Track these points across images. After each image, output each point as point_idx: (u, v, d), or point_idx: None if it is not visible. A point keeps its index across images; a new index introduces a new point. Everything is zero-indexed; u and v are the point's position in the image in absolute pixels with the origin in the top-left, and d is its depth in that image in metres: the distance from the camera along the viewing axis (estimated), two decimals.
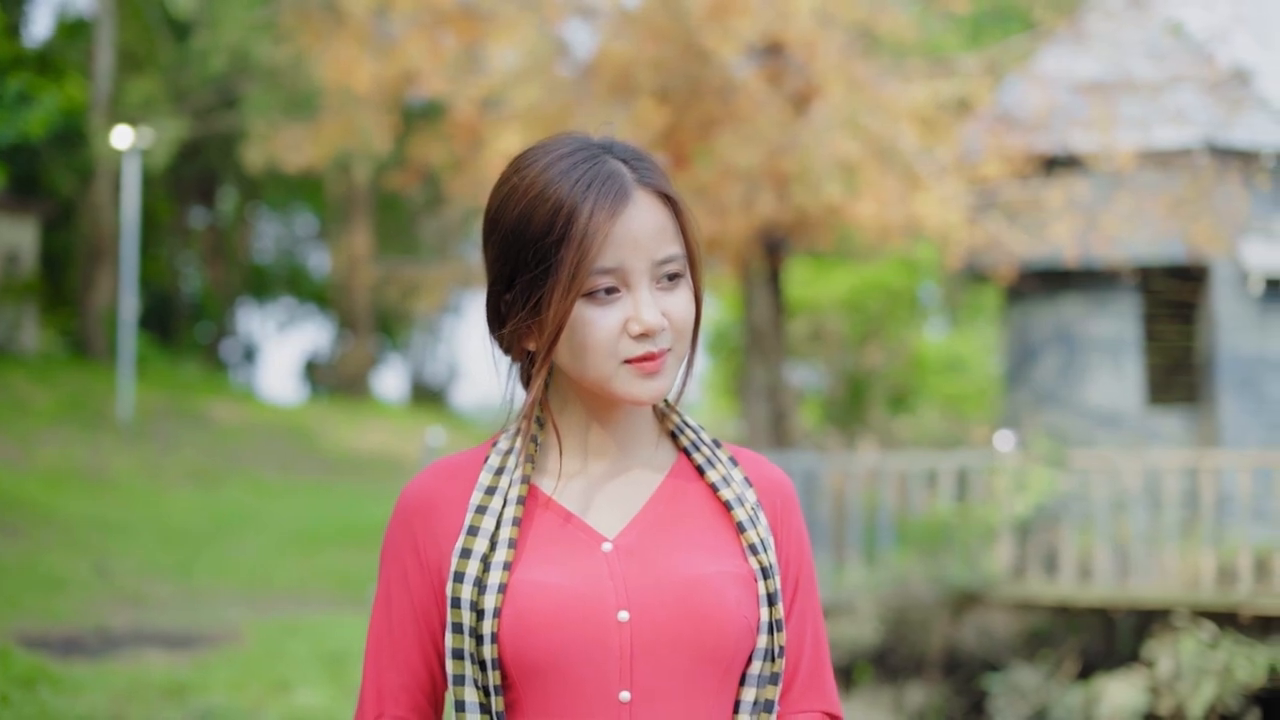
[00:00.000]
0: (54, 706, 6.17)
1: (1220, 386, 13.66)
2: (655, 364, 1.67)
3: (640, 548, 1.70)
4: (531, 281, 1.66)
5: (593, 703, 1.64)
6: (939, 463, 12.02)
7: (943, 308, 26.75)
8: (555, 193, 1.65)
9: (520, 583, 1.65)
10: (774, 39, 11.93)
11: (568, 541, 1.70)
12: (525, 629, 1.63)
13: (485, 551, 1.67)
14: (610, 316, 1.66)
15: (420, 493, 1.75)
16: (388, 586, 1.75)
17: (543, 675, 1.64)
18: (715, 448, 1.81)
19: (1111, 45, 12.96)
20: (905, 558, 11.48)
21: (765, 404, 13.60)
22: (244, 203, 34.43)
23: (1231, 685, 10.26)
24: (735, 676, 1.71)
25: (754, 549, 1.73)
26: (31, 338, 22.88)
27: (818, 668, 1.81)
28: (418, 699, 1.74)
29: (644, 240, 1.67)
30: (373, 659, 1.76)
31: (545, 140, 1.73)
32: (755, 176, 11.68)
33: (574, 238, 1.63)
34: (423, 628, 1.73)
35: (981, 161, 12.40)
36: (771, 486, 1.81)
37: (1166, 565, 11.15)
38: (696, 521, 1.74)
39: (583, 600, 1.65)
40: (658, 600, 1.67)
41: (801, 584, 1.81)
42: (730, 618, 1.67)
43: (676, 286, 1.70)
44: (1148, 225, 12.99)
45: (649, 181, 1.69)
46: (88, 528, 13.03)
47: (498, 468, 1.74)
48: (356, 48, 12.41)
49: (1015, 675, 11.00)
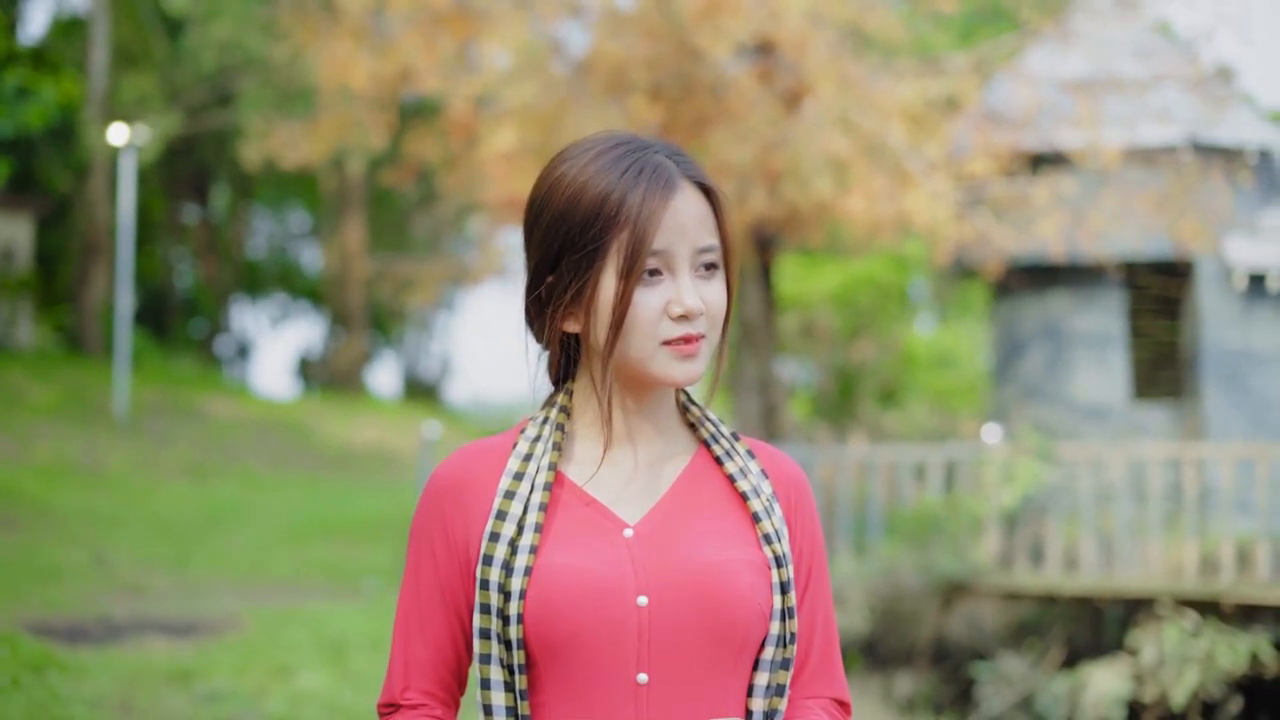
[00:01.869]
0: (63, 690, 6.30)
1: (1205, 381, 13.84)
2: (693, 346, 1.74)
3: (660, 535, 1.76)
4: (579, 263, 1.72)
5: (610, 684, 1.70)
6: (927, 455, 12.20)
7: (932, 303, 26.93)
8: (606, 179, 1.72)
9: (545, 566, 1.71)
10: (765, 38, 12.09)
11: (591, 527, 1.75)
12: (548, 610, 1.68)
13: (513, 535, 1.73)
14: (653, 298, 1.72)
15: (451, 474, 1.81)
16: (417, 564, 1.81)
17: (563, 655, 1.69)
18: (734, 440, 1.87)
19: (1097, 44, 13.13)
20: (894, 548, 11.65)
21: (756, 398, 13.77)
22: (238, 199, 34.51)
23: (1214, 673, 10.44)
24: (749, 661, 1.76)
25: (768, 538, 1.78)
26: (27, 333, 22.98)
27: (828, 654, 1.87)
28: (443, 674, 1.80)
29: (689, 227, 1.74)
30: (400, 634, 1.81)
31: (587, 137, 1.81)
32: (747, 173, 11.84)
33: (629, 220, 1.70)
34: (449, 605, 1.78)
35: (969, 159, 12.56)
36: (787, 479, 1.87)
37: (1150, 555, 11.33)
38: (714, 510, 1.80)
39: (604, 584, 1.70)
40: (676, 586, 1.72)
41: (814, 573, 1.87)
42: (744, 603, 1.72)
43: (713, 277, 1.77)
44: (1133, 222, 13.16)
45: (691, 174, 1.77)
46: (84, 520, 13.17)
47: (526, 454, 1.79)
48: (353, 46, 12.54)
49: (1002, 664, 11.17)
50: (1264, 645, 10.50)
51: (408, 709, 1.79)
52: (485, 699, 1.73)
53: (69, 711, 5.91)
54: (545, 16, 12.39)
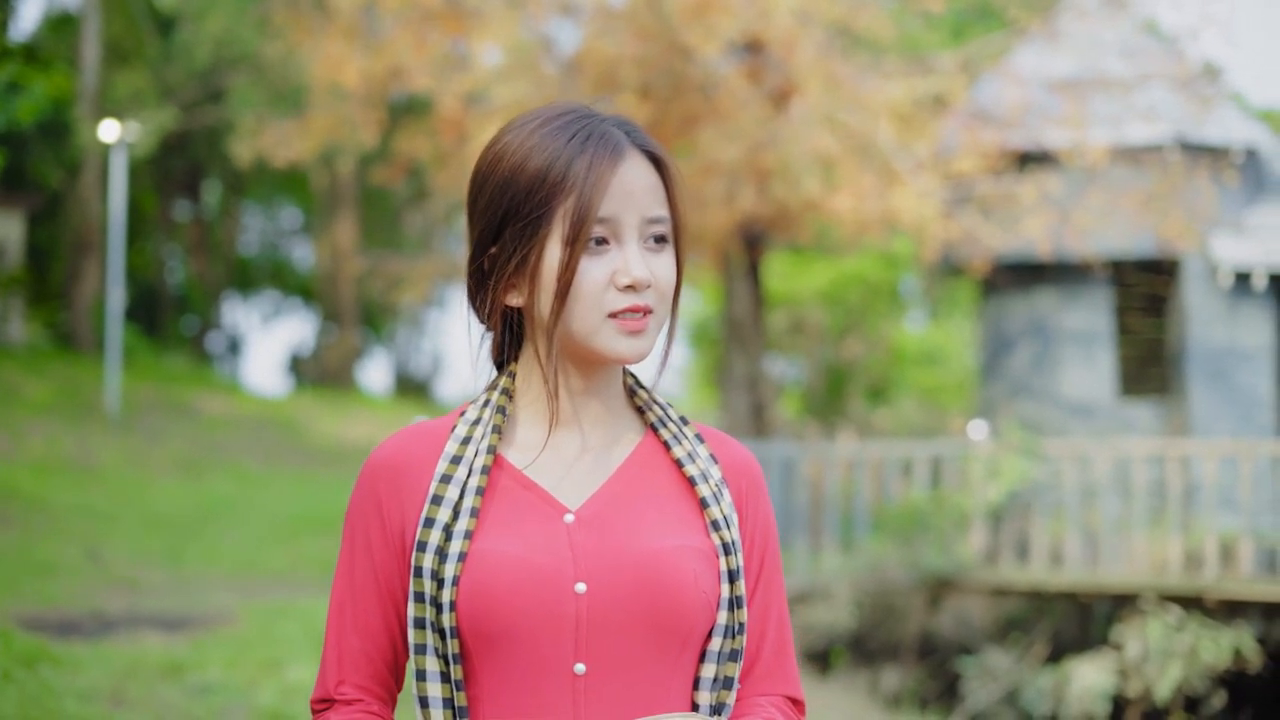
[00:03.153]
0: (56, 684, 6.35)
1: (1191, 378, 13.93)
2: (640, 322, 1.67)
3: (602, 520, 1.68)
4: (522, 231, 1.66)
5: (547, 673, 1.63)
6: (914, 451, 12.29)
7: (923, 300, 27.04)
8: (551, 146, 1.66)
9: (479, 552, 1.63)
10: (754, 37, 12.16)
11: (530, 512, 1.68)
12: (482, 598, 1.62)
13: (448, 521, 1.65)
14: (599, 267, 1.65)
15: (387, 457, 1.73)
16: (351, 551, 1.73)
17: (498, 644, 1.63)
18: (682, 424, 1.80)
19: (1084, 44, 13.23)
20: (881, 544, 11.73)
21: (745, 395, 13.85)
22: (229, 196, 34.54)
23: (1197, 667, 10.54)
24: (694, 652, 1.69)
25: (716, 525, 1.71)
26: (18, 330, 23.00)
27: (781, 651, 1.79)
28: (378, 666, 1.71)
29: (637, 195, 1.67)
30: (335, 624, 1.73)
31: (535, 108, 1.74)
32: (736, 171, 11.93)
33: (575, 186, 1.64)
34: (385, 593, 1.70)
35: (957, 157, 12.64)
36: (737, 466, 1.80)
37: (1135, 551, 11.43)
38: (660, 496, 1.73)
39: (540, 571, 1.63)
40: (616, 573, 1.65)
41: (766, 566, 1.79)
42: (688, 592, 1.65)
43: (662, 250, 1.70)
44: (1120, 220, 13.26)
45: (641, 143, 1.71)
46: (77, 516, 13.22)
47: (464, 437, 1.72)
48: (344, 44, 12.61)
49: (988, 659, 11.26)
50: (1247, 640, 10.59)
51: (342, 704, 1.71)
52: (421, 690, 1.66)
53: (61, 704, 5.96)
54: (536, 15, 12.46)
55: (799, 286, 20.90)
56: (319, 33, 12.95)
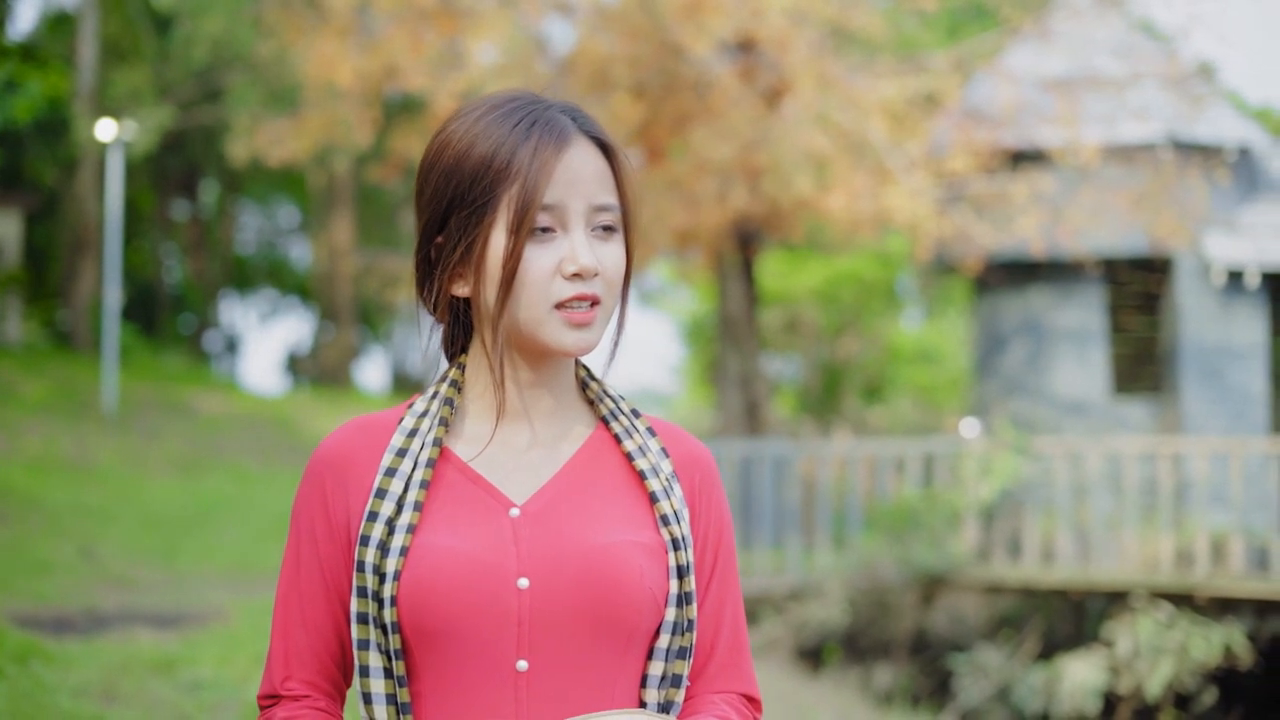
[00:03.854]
0: (48, 680, 6.38)
1: (1184, 376, 13.97)
2: (588, 314, 1.64)
3: (548, 515, 1.66)
4: (467, 219, 1.63)
5: (489, 670, 1.61)
6: (905, 449, 12.33)
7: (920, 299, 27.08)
8: (497, 133, 1.64)
9: (421, 546, 1.61)
10: (747, 36, 12.21)
11: (475, 506, 1.65)
12: (423, 593, 1.59)
13: (391, 514, 1.63)
14: (545, 256, 1.62)
15: (333, 450, 1.71)
16: (297, 546, 1.71)
17: (440, 641, 1.60)
18: (634, 417, 1.76)
19: (1077, 43, 13.27)
20: (873, 542, 11.77)
21: (739, 393, 13.89)
22: (226, 195, 34.57)
23: (1188, 664, 10.58)
24: (641, 649, 1.66)
25: (666, 520, 1.68)
26: (15, 329, 23.03)
27: (736, 648, 1.75)
28: (325, 662, 1.69)
29: (584, 182, 1.64)
30: (280, 621, 1.70)
31: (483, 96, 1.71)
32: (728, 170, 11.97)
33: (520, 173, 1.61)
34: (331, 589, 1.68)
35: (950, 156, 12.69)
36: (690, 460, 1.76)
37: (1126, 548, 11.47)
38: (609, 490, 1.70)
39: (482, 566, 1.61)
40: (559, 568, 1.62)
41: (720, 561, 1.75)
42: (633, 589, 1.62)
43: (610, 239, 1.67)
44: (1112, 218, 13.30)
45: (588, 129, 1.68)
46: (73, 514, 13.25)
47: (411, 429, 1.69)
48: (339, 43, 12.65)
49: (979, 655, 11.30)
50: (1237, 637, 10.64)
51: (289, 700, 1.68)
52: (365, 686, 1.63)
53: (53, 700, 6.00)
54: (530, 14, 12.50)
55: (794, 285, 20.94)
56: (312, 32, 12.98)
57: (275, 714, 1.68)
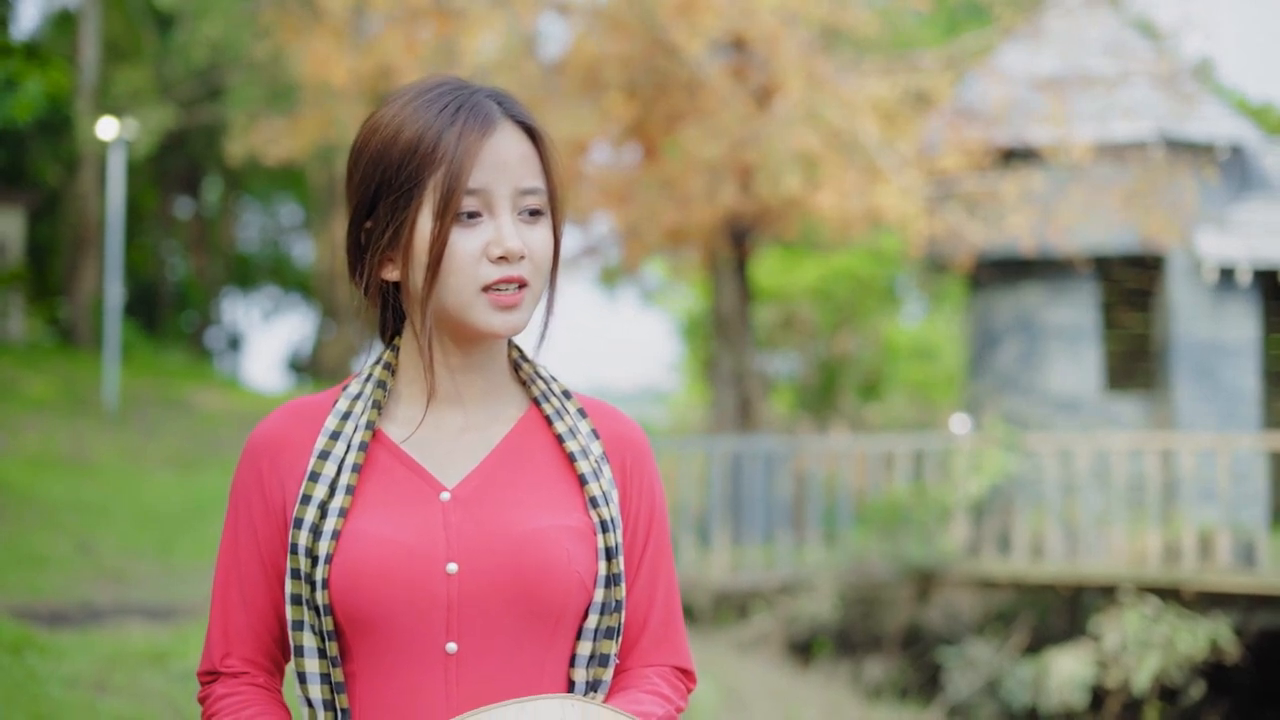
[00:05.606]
0: (41, 671, 6.47)
1: (1176, 372, 14.03)
2: (514, 296, 1.66)
3: (478, 499, 1.68)
4: (395, 204, 1.65)
5: (419, 653, 1.63)
6: (896, 445, 12.41)
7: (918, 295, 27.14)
8: (423, 118, 1.65)
9: (352, 531, 1.64)
10: (738, 35, 12.29)
11: (407, 490, 1.68)
12: (353, 577, 1.62)
13: (323, 498, 1.65)
14: (472, 239, 1.64)
15: (268, 434, 1.73)
16: (235, 527, 1.73)
17: (370, 623, 1.63)
18: (565, 399, 1.78)
19: (1068, 41, 13.33)
20: (864, 537, 11.85)
21: (733, 389, 13.97)
22: (228, 193, 34.66)
23: (1174, 658, 10.65)
24: (570, 630, 1.69)
25: (595, 502, 1.70)
26: (18, 326, 23.14)
27: (668, 622, 1.78)
28: (265, 641, 1.72)
29: (510, 166, 1.66)
30: (220, 600, 1.72)
31: (412, 83, 1.74)
32: (719, 168, 12.05)
33: (445, 157, 1.63)
34: (269, 570, 1.70)
35: (941, 154, 12.76)
36: (620, 440, 1.78)
37: (1114, 544, 11.55)
38: (539, 473, 1.72)
39: (411, 551, 1.63)
40: (488, 553, 1.64)
41: (653, 538, 1.78)
42: (558, 572, 1.65)
43: (537, 223, 1.68)
44: (1104, 216, 13.36)
45: (514, 114, 1.70)
46: (71, 510, 13.34)
47: (345, 412, 1.71)
48: (334, 43, 12.73)
49: (969, 649, 11.38)
50: (1224, 631, 10.71)
51: (228, 677, 1.71)
52: (300, 666, 1.66)
53: (45, 690, 6.09)
54: (523, 14, 12.58)
55: (790, 282, 21.02)
56: (307, 32, 13.07)
57: (215, 690, 1.71)
